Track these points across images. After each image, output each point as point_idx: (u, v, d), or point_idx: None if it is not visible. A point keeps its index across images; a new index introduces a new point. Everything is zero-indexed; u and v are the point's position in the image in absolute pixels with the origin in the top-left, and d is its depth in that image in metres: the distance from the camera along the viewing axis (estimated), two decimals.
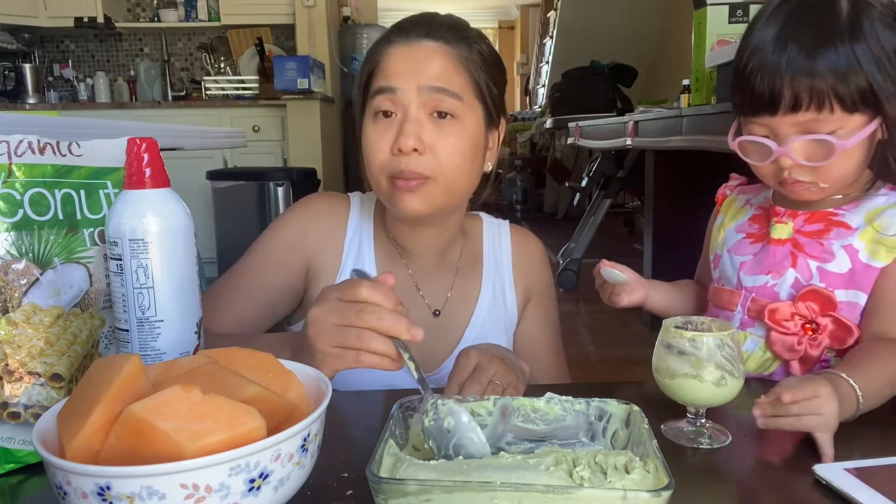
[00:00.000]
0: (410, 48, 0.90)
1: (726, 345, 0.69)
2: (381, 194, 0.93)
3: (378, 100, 0.89)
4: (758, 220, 0.95)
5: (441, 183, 0.89)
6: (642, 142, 2.92)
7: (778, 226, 0.89)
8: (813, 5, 0.80)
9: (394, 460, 0.56)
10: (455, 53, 0.90)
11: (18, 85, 4.58)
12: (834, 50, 0.76)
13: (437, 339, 1.00)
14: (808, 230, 0.87)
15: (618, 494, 0.47)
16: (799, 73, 0.77)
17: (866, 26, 0.77)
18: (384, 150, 0.88)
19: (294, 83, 4.16)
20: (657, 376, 0.73)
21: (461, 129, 0.89)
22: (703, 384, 0.68)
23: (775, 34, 0.79)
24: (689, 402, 0.71)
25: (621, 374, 2.75)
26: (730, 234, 0.96)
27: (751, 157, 0.86)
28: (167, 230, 0.61)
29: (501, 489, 0.48)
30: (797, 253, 0.87)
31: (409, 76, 0.88)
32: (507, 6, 10.61)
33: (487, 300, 1.04)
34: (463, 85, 0.90)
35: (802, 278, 0.86)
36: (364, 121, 0.92)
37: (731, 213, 0.99)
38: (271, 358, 0.56)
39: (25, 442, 0.63)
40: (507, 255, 1.08)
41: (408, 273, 1.01)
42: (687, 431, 0.71)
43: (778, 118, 0.80)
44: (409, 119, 0.87)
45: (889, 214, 0.83)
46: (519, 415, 0.63)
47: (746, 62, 0.81)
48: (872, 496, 0.56)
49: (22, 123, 1.36)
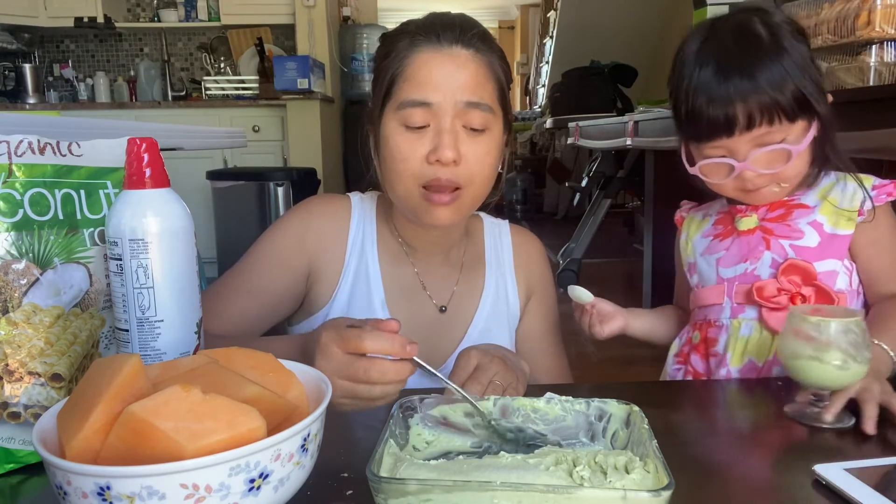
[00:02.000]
0: (443, 55, 0.88)
1: (851, 330, 0.71)
2: (409, 202, 0.91)
3: (409, 112, 0.87)
4: (721, 222, 1.02)
5: (471, 191, 0.90)
6: (642, 142, 2.92)
7: (744, 219, 0.97)
8: (737, 37, 0.89)
9: (394, 460, 0.56)
10: (485, 62, 0.90)
11: (18, 85, 4.58)
12: (768, 68, 0.86)
13: (442, 334, 1.01)
14: (773, 216, 0.96)
15: (618, 494, 0.47)
16: (746, 94, 0.86)
17: (784, 42, 0.88)
18: (418, 158, 0.87)
19: (294, 83, 4.16)
20: (783, 360, 0.76)
21: (491, 139, 0.90)
22: (826, 367, 0.71)
23: (714, 69, 0.88)
24: (813, 384, 0.73)
25: (621, 374, 2.74)
26: (697, 242, 1.03)
27: (712, 178, 0.93)
28: (167, 230, 0.61)
29: (501, 489, 0.48)
30: (768, 237, 0.95)
31: (445, 88, 0.86)
32: (507, 6, 10.61)
33: (491, 296, 1.04)
34: (492, 95, 0.90)
35: (778, 257, 0.93)
36: (388, 127, 0.90)
37: (694, 227, 1.06)
38: (271, 358, 0.56)
39: (25, 442, 0.63)
40: (508, 253, 1.08)
41: (413, 271, 1.01)
42: (810, 412, 0.73)
43: (735, 138, 0.88)
44: (446, 131, 0.86)
45: (838, 189, 0.95)
46: (519, 415, 0.63)
47: (694, 99, 0.89)
48: (872, 496, 0.55)
49: (22, 123, 1.36)
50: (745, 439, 0.72)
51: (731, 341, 0.95)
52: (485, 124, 0.88)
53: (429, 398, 0.64)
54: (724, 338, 0.96)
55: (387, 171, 0.91)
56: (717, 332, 0.97)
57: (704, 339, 0.99)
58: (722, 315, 0.97)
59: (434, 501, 0.48)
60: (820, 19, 2.02)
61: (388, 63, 0.90)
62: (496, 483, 0.48)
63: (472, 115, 0.87)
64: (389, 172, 0.91)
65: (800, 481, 0.61)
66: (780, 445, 0.70)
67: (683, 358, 1.02)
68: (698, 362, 0.99)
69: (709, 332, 0.98)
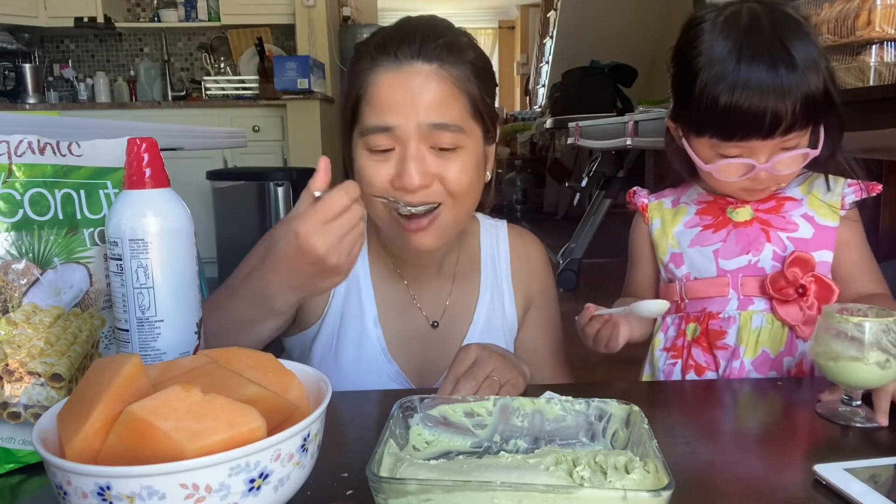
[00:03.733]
0: (402, 74, 0.83)
1: (892, 329, 0.72)
2: (382, 224, 0.90)
3: (372, 138, 0.84)
4: (707, 212, 1.01)
5: (451, 207, 0.86)
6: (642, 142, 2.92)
7: (737, 210, 0.98)
8: (771, 35, 0.86)
9: (394, 460, 0.56)
10: (450, 76, 0.84)
11: (18, 85, 4.58)
12: (811, 70, 0.85)
13: (435, 350, 0.98)
14: (765, 208, 0.97)
15: (618, 494, 0.47)
16: (792, 97, 0.84)
17: (813, 38, 0.87)
18: (383, 182, 0.84)
19: (294, 83, 4.16)
20: (818, 360, 0.76)
21: (465, 156, 0.86)
22: (867, 367, 0.71)
23: (762, 68, 0.84)
24: (853, 384, 0.74)
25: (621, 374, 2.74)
26: (680, 233, 1.01)
27: (726, 175, 0.92)
28: (167, 230, 0.61)
29: (501, 489, 0.48)
30: (767, 229, 0.96)
31: (407, 110, 0.82)
32: (507, 6, 10.61)
33: (486, 308, 1.02)
34: (461, 111, 0.85)
35: (779, 250, 0.95)
36: (356, 149, 0.87)
37: (668, 216, 1.04)
38: (271, 358, 0.57)
39: (25, 442, 0.63)
40: (505, 260, 1.05)
41: (404, 284, 1.00)
42: (843, 411, 0.74)
43: (765, 141, 0.87)
44: (410, 156, 0.82)
45: (817, 184, 0.98)
46: (519, 414, 0.63)
47: (731, 97, 0.85)
48: (872, 496, 0.55)
49: (22, 123, 1.36)
50: (745, 439, 0.72)
51: (743, 333, 0.95)
52: (455, 143, 0.84)
53: (429, 398, 0.64)
54: (734, 330, 0.95)
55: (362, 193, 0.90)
56: (723, 324, 0.96)
57: (706, 332, 0.98)
58: (728, 307, 0.96)
59: (434, 501, 0.48)
60: (820, 19, 2.02)
61: (352, 83, 0.88)
62: (496, 483, 0.48)
63: (440, 136, 0.83)
64: (363, 195, 0.90)
65: (800, 481, 0.61)
66: (780, 445, 0.70)
67: (678, 352, 1.00)
68: (701, 355, 0.98)
69: (710, 323, 0.97)
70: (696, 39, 0.90)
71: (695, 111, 0.89)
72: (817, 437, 0.72)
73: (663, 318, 1.02)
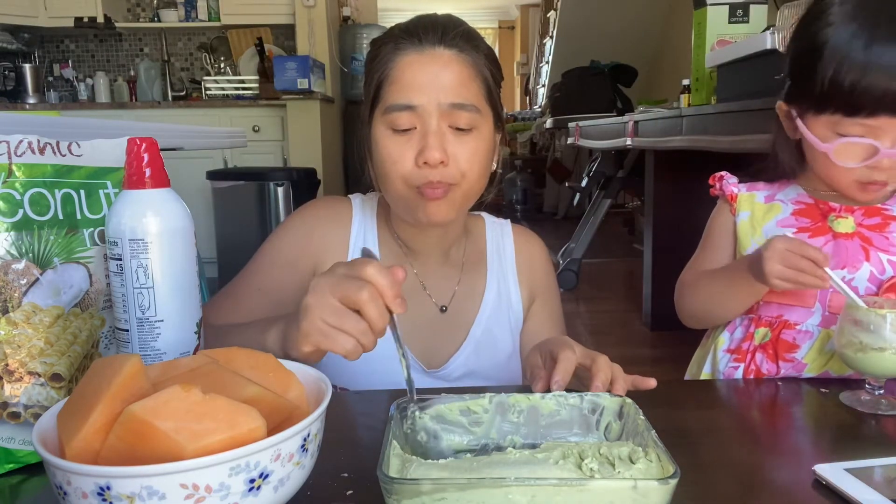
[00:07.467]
0: (425, 57, 0.89)
1: None
2: (402, 203, 0.92)
3: (395, 116, 0.88)
4: (806, 214, 0.94)
5: (464, 188, 0.90)
6: (642, 142, 2.92)
7: (840, 220, 0.92)
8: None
9: (400, 461, 0.56)
10: (469, 61, 0.90)
11: (18, 85, 4.58)
12: None
13: (443, 335, 1.00)
14: (869, 224, 0.91)
15: (628, 484, 0.48)
16: None
17: None
18: (408, 161, 0.88)
19: (294, 83, 4.16)
20: (843, 351, 0.77)
21: (479, 138, 0.90)
22: (892, 356, 0.73)
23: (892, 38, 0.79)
24: (879, 373, 0.76)
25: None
26: (771, 229, 0.94)
27: (845, 159, 0.84)
28: (167, 230, 0.61)
29: (516, 484, 0.48)
30: (867, 247, 0.90)
31: (429, 90, 0.87)
32: (507, 6, 10.61)
33: (492, 297, 1.04)
34: (478, 94, 0.90)
35: (877, 271, 0.89)
36: (377, 131, 0.91)
37: (758, 210, 0.97)
38: (271, 358, 0.57)
39: (25, 442, 0.63)
40: (510, 254, 1.08)
41: (413, 272, 1.02)
42: (866, 400, 0.76)
43: (891, 119, 0.80)
44: (432, 132, 0.87)
45: None
46: (514, 411, 0.64)
47: (865, 64, 0.79)
48: (872, 496, 0.55)
49: (22, 123, 1.36)
50: (746, 439, 0.72)
51: (815, 351, 0.90)
52: (471, 124, 0.89)
53: (426, 398, 0.64)
54: (809, 345, 0.91)
55: (379, 174, 0.92)
56: (798, 337, 0.91)
57: (775, 340, 0.92)
58: (809, 320, 0.92)
59: (448, 500, 0.48)
60: None
61: (374, 67, 0.92)
62: (510, 479, 0.48)
63: (458, 116, 0.88)
64: (381, 175, 0.91)
65: (800, 481, 0.61)
66: (780, 445, 0.70)
67: (742, 355, 0.95)
68: (765, 363, 0.93)
69: (784, 333, 0.92)
70: (825, 11, 0.85)
71: (819, 84, 0.83)
72: (817, 437, 0.72)
73: None
